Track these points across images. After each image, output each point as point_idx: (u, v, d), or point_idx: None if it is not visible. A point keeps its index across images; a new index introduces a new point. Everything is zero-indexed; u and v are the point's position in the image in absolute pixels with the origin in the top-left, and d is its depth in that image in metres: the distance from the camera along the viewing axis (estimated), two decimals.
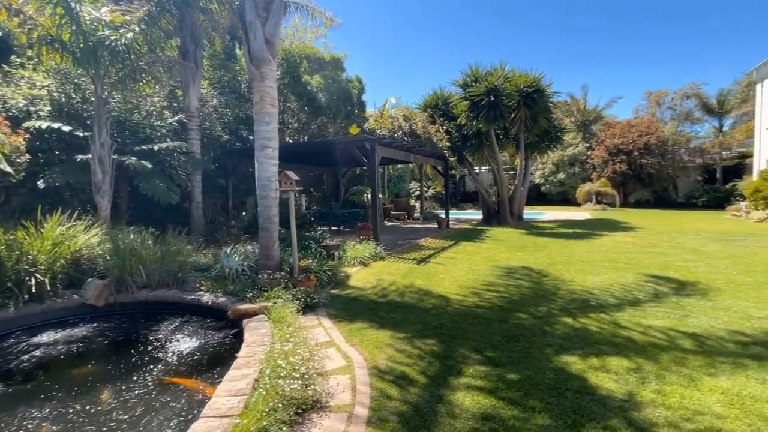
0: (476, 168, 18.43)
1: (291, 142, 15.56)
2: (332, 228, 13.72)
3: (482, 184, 17.02)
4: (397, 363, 3.42)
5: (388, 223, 17.27)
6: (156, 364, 3.91)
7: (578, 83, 60.60)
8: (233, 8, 8.04)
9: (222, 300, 5.12)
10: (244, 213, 13.65)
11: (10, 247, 5.25)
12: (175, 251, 6.39)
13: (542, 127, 15.24)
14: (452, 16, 55.45)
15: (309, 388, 2.69)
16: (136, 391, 3.36)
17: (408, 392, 2.93)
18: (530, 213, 19.72)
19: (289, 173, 5.87)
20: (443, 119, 15.60)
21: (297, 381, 2.66)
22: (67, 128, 7.42)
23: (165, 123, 9.87)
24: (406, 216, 18.82)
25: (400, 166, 21.58)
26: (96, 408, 3.15)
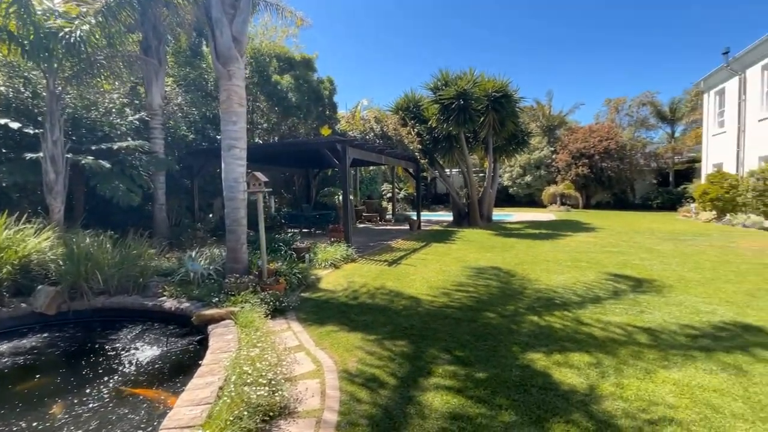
0: (447, 170, 18.71)
1: (260, 142, 15.24)
2: (303, 230, 13.53)
3: (453, 186, 17.30)
4: (367, 365, 3.41)
5: (360, 225, 17.23)
6: (113, 375, 3.70)
7: (543, 89, 62.87)
8: (199, 3, 7.80)
9: (186, 305, 4.92)
10: (211, 215, 13.22)
11: None
12: (135, 255, 6.09)
13: (510, 131, 15.68)
14: (424, 19, 56.26)
15: (276, 394, 2.63)
16: (90, 405, 3.17)
17: (378, 395, 2.93)
18: (499, 214, 20.24)
19: (258, 174, 5.74)
20: (414, 122, 15.75)
21: (264, 387, 2.59)
22: (16, 125, 6.94)
23: (125, 121, 9.42)
24: (378, 218, 18.85)
25: (372, 167, 21.61)
26: (45, 424, 2.95)
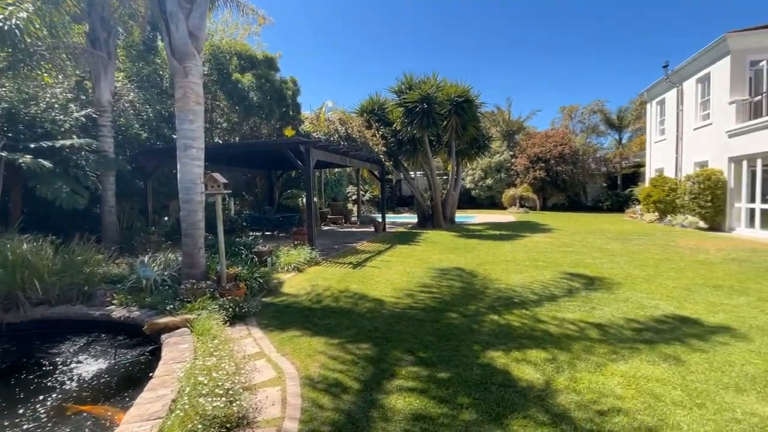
0: (412, 173, 18.93)
1: (220, 142, 14.71)
2: (266, 233, 13.19)
3: (417, 188, 17.52)
4: (330, 370, 3.36)
5: (325, 227, 17.05)
6: (51, 393, 3.41)
7: (503, 95, 65.21)
8: None
9: (137, 314, 4.64)
10: (167, 218, 12.60)
11: None
12: (81, 262, 5.68)
13: (471, 135, 16.11)
14: (389, 20, 56.78)
15: (234, 404, 2.53)
16: (24, 426, 2.91)
17: (341, 400, 2.89)
18: (462, 216, 20.73)
19: (216, 175, 5.53)
20: (379, 124, 15.82)
21: (221, 398, 2.48)
22: None
23: (70, 117, 8.77)
24: (344, 220, 18.74)
25: (337, 169, 21.45)
26: None
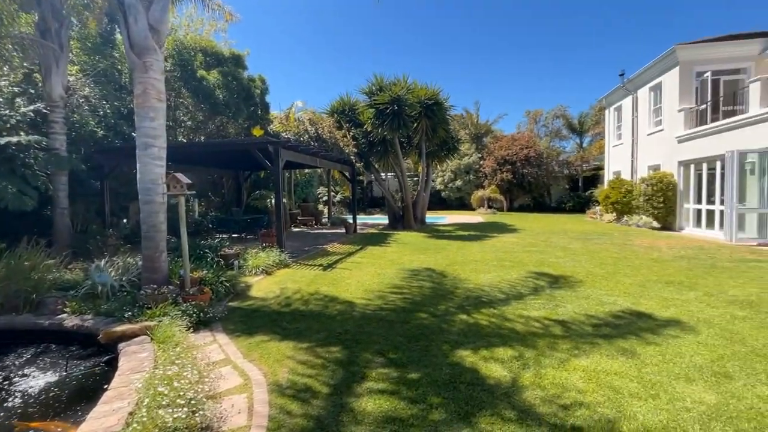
0: (383, 174, 18.98)
1: (185, 141, 14.17)
2: (233, 235, 12.83)
3: (388, 189, 17.58)
4: (299, 375, 3.30)
5: (295, 229, 16.79)
6: None
7: (472, 99, 66.74)
8: None
9: (91, 323, 4.37)
10: (126, 220, 11.99)
11: None
12: (28, 267, 5.29)
13: (441, 137, 16.36)
14: (361, 24, 56.75)
15: (197, 414, 2.43)
16: None
17: (310, 405, 2.84)
18: (432, 217, 21.00)
19: (179, 175, 5.31)
20: (350, 125, 15.76)
21: (182, 408, 2.37)
22: None
23: (17, 113, 8.16)
24: (314, 221, 18.52)
25: (307, 170, 21.18)
26: None
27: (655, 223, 14.52)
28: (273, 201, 15.38)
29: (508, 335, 4.16)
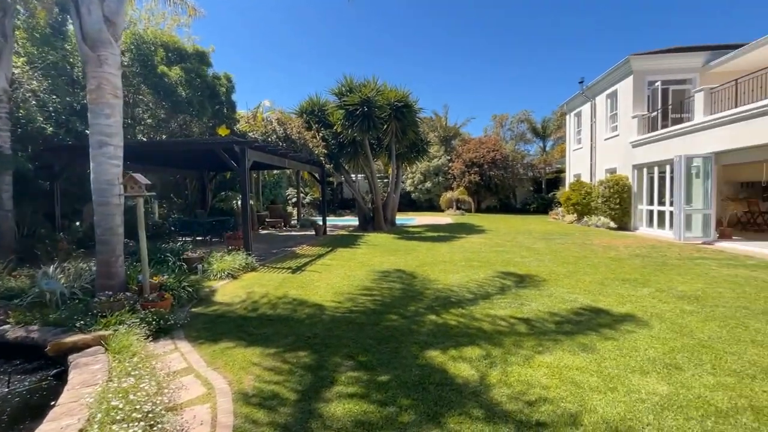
0: (353, 175, 18.91)
1: (145, 140, 13.51)
2: (197, 238, 12.36)
3: (359, 191, 17.53)
4: (266, 382, 3.20)
5: (263, 231, 16.41)
6: None
7: (440, 102, 67.94)
8: None
9: (38, 333, 4.06)
10: (79, 223, 11.27)
11: None
12: None
13: (411, 139, 16.50)
14: (330, 21, 56.40)
15: (155, 428, 2.30)
16: None
17: (277, 413, 2.76)
18: (402, 218, 21.15)
19: (137, 176, 5.05)
20: (319, 126, 15.59)
21: (138, 423, 2.24)
22: None
23: None
24: (283, 223, 18.18)
25: (276, 171, 20.77)
26: None
27: (612, 224, 15.29)
28: (239, 202, 14.95)
29: (475, 334, 4.24)
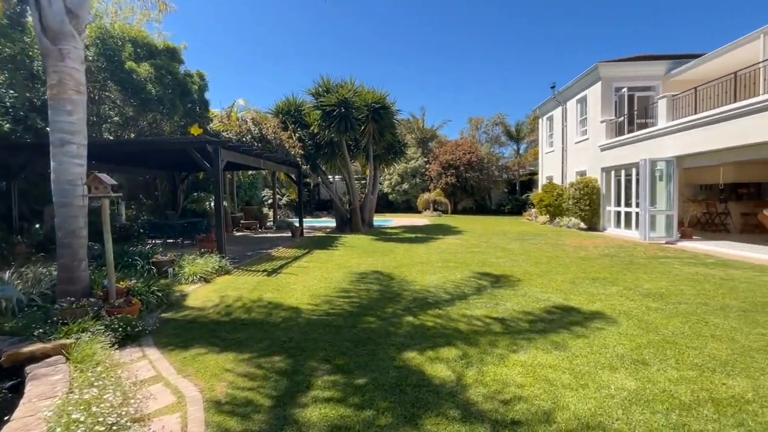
0: (330, 177, 18.78)
1: (111, 138, 12.96)
2: (168, 241, 11.95)
3: (336, 192, 17.42)
4: (239, 389, 3.11)
5: (238, 233, 16.04)
6: None
7: (417, 104, 68.60)
8: None
9: None
10: (39, 225, 10.68)
11: None
12: None
13: (388, 141, 16.54)
14: (308, 18, 55.94)
15: None
16: None
17: (251, 421, 2.69)
18: (380, 220, 21.15)
19: (102, 176, 4.82)
20: (296, 126, 15.41)
21: None
22: None
23: None
24: (258, 225, 17.84)
25: (251, 172, 20.36)
26: None
27: (582, 224, 15.81)
28: (213, 204, 14.57)
29: (452, 335, 4.27)
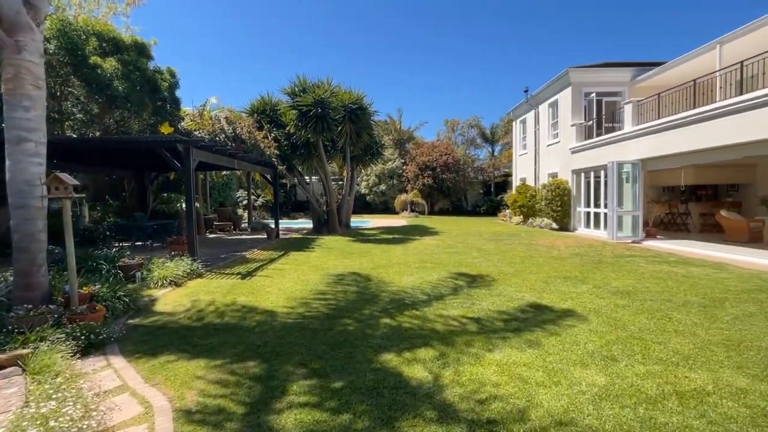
0: (307, 177, 18.56)
1: (75, 136, 12.35)
2: (136, 244, 11.50)
3: (313, 193, 17.24)
4: (210, 397, 3.01)
5: (211, 235, 15.62)
6: None
7: (395, 105, 68.98)
8: None
9: None
10: None
11: None
12: None
13: (365, 142, 16.50)
14: (287, 22, 55.19)
15: None
16: None
17: (223, 429, 2.60)
18: (357, 221, 21.09)
19: (63, 176, 4.58)
20: (271, 126, 15.16)
21: None
22: None
23: None
24: (233, 227, 17.45)
25: (225, 172, 19.87)
26: None
27: (554, 225, 16.27)
28: (184, 205, 14.11)
29: (429, 335, 4.29)
